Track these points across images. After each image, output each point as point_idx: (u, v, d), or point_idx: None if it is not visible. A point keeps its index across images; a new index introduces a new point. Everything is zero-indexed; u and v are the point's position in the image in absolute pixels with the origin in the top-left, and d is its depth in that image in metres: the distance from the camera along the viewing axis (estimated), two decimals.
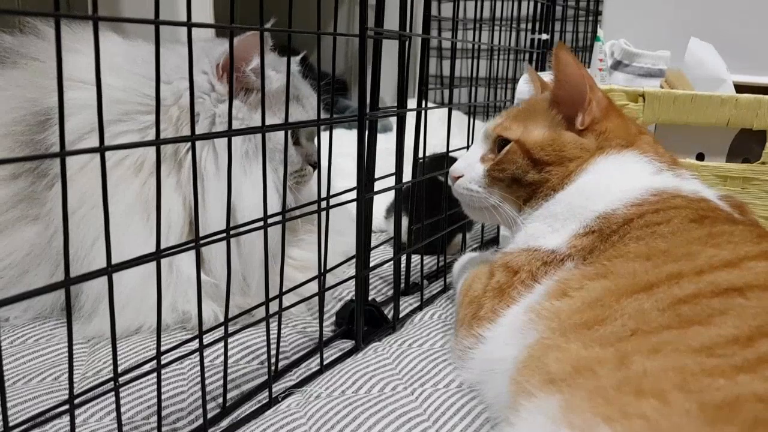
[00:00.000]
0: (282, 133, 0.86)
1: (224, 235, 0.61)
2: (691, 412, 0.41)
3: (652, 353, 0.48)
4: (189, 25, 0.53)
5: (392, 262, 0.91)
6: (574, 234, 0.70)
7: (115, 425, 0.57)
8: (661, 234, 0.64)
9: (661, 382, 0.44)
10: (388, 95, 0.93)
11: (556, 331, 0.57)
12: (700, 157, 1.06)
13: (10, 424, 0.47)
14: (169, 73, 0.84)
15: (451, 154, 1.03)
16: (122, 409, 0.58)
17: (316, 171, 0.82)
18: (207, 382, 0.65)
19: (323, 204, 0.75)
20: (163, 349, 0.58)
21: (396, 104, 0.86)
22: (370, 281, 0.89)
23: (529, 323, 0.62)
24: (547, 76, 0.88)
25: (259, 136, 0.85)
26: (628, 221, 0.68)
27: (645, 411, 0.42)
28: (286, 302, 0.72)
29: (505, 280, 0.72)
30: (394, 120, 0.87)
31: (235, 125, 0.85)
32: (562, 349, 0.53)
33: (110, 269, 0.50)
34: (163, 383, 0.59)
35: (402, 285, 0.98)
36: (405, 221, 0.97)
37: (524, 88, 1.00)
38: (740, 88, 1.11)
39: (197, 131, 0.82)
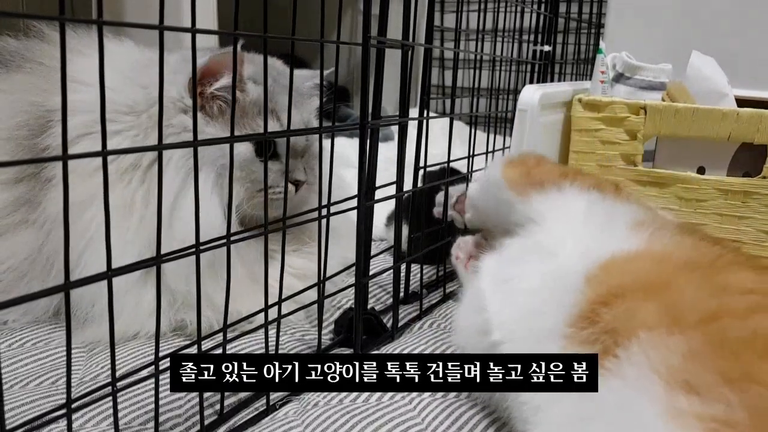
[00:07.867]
0: (241, 149, 0.86)
1: (224, 241, 0.61)
2: None
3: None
4: (193, 31, 0.53)
5: (392, 270, 0.91)
6: None
7: (112, 430, 0.57)
8: None
9: None
10: (390, 104, 0.93)
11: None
12: (701, 170, 1.06)
13: (7, 427, 0.47)
14: (153, 81, 0.82)
15: (452, 165, 1.03)
16: (119, 414, 0.58)
17: (318, 183, 0.80)
18: None
19: (324, 212, 0.75)
20: (160, 354, 0.58)
21: (398, 113, 0.86)
22: (370, 290, 0.88)
23: None
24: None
25: (210, 152, 0.84)
26: None
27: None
28: (285, 310, 0.72)
29: None
30: (395, 129, 0.87)
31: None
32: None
33: (110, 273, 0.50)
34: (160, 389, 0.59)
35: (401, 294, 0.98)
36: (405, 230, 0.97)
37: (531, 96, 1.00)
38: (742, 102, 1.11)
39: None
